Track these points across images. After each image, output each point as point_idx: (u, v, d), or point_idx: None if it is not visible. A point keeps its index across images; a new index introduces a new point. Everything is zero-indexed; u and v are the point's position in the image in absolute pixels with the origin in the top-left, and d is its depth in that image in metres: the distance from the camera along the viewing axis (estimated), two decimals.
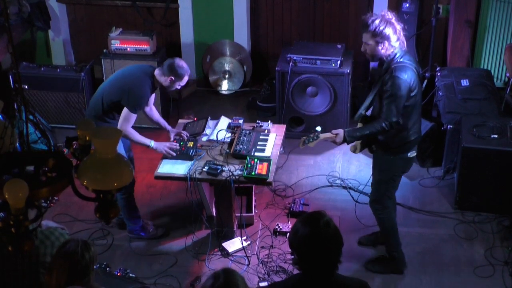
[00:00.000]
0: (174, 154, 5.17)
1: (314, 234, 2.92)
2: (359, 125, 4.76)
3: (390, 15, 4.56)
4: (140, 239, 5.45)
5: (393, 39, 4.50)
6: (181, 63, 5.11)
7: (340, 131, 4.64)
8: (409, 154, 4.74)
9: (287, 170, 6.33)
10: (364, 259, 5.20)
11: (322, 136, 4.74)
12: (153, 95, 5.37)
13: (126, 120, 5.02)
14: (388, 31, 4.48)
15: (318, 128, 4.79)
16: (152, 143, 5.15)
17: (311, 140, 4.72)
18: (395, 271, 5.10)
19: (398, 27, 4.55)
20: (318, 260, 2.94)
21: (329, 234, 2.93)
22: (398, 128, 4.57)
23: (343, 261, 3.00)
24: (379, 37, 4.48)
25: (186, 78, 5.16)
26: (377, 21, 4.48)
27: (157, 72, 5.12)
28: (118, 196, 5.22)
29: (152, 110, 5.47)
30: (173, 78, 5.07)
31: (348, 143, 4.70)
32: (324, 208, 5.68)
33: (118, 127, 5.00)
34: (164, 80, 5.09)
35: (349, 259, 5.08)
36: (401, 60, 4.51)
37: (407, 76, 4.47)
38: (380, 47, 4.51)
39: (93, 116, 5.10)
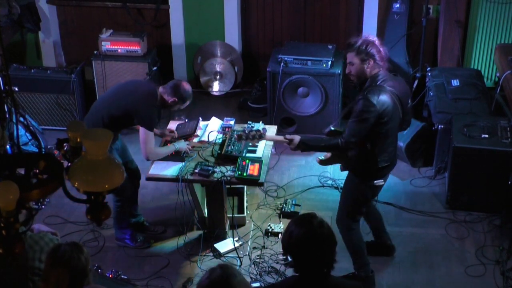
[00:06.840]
0: (195, 154, 5.19)
1: (309, 234, 2.92)
2: None
3: (373, 38, 4.48)
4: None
5: (378, 58, 4.41)
6: (187, 86, 5.06)
7: (296, 138, 4.58)
8: (375, 182, 4.57)
9: (279, 170, 6.33)
10: None
11: (270, 137, 4.77)
12: None
13: (148, 141, 4.94)
14: (373, 50, 4.39)
15: (261, 126, 4.72)
16: (176, 146, 5.17)
17: (250, 138, 4.66)
18: None
19: (382, 51, 4.44)
20: (314, 261, 2.94)
21: (324, 234, 2.94)
22: (366, 153, 4.46)
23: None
24: (364, 54, 4.38)
25: (187, 103, 5.12)
26: (361, 41, 4.42)
27: (161, 90, 5.02)
28: (111, 202, 5.19)
29: None
30: (176, 100, 5.01)
31: (302, 151, 4.64)
32: (316, 208, 5.69)
33: (145, 153, 4.94)
34: (167, 99, 5.01)
35: (341, 259, 5.05)
36: (382, 83, 4.38)
37: (379, 101, 4.30)
38: (365, 66, 4.40)
39: None
